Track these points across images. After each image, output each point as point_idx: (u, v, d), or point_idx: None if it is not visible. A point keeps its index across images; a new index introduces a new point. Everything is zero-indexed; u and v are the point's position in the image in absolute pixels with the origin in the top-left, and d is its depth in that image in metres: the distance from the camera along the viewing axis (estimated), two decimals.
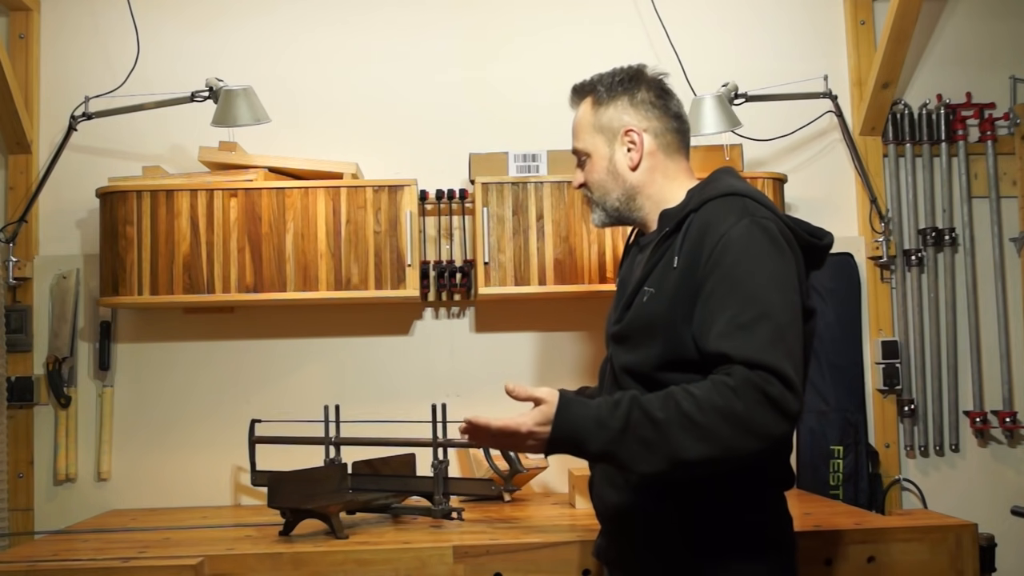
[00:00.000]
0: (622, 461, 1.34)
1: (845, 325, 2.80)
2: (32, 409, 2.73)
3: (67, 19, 2.85)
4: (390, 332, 2.80)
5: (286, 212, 2.52)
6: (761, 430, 1.30)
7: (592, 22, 2.90)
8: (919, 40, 2.93)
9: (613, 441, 1.33)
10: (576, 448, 1.36)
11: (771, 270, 1.40)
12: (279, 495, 2.09)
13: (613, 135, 1.63)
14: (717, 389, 1.32)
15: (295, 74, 2.85)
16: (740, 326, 1.35)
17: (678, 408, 1.32)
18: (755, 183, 2.60)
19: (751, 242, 1.41)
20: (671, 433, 1.31)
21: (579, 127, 1.67)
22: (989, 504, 2.80)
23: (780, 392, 1.31)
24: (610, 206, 1.64)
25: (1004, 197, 2.93)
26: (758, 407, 1.30)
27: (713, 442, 1.30)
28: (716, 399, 1.31)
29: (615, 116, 1.63)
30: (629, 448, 1.32)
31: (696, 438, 1.30)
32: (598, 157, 1.64)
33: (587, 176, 1.66)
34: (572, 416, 1.35)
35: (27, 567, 1.87)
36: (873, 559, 1.97)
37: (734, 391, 1.31)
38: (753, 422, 1.30)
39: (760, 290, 1.37)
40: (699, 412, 1.31)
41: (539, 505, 2.49)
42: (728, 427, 1.30)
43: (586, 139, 1.65)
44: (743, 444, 1.31)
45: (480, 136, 2.81)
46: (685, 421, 1.31)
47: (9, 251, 2.71)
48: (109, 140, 2.80)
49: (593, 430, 1.34)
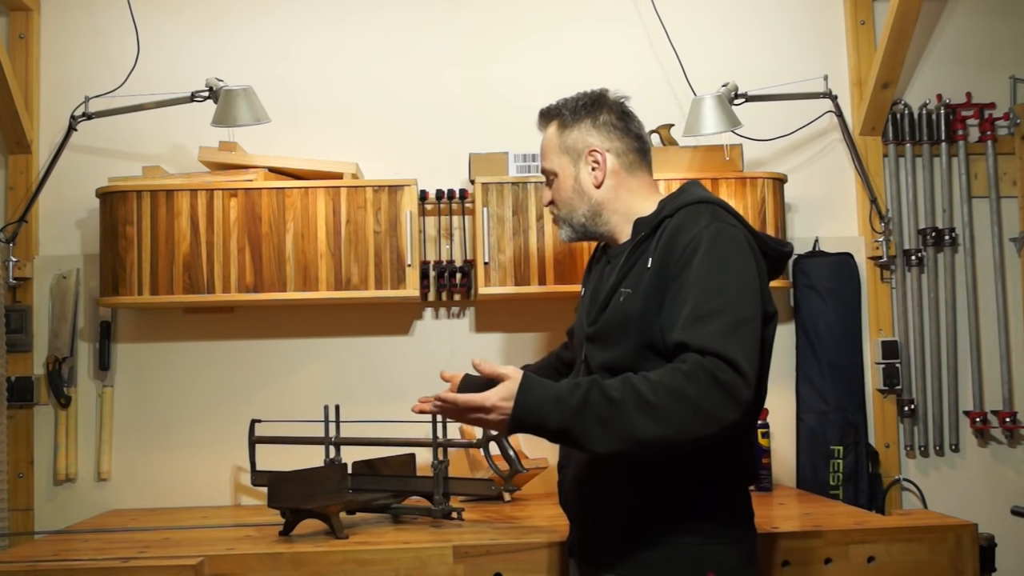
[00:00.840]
0: (579, 439, 1.40)
1: (845, 325, 2.80)
2: (32, 409, 2.73)
3: (67, 19, 2.85)
4: (390, 332, 2.80)
5: (286, 212, 2.52)
6: (712, 413, 1.38)
7: (592, 22, 2.90)
8: (919, 40, 2.93)
9: (571, 419, 1.39)
10: (536, 425, 1.42)
11: (734, 270, 1.50)
12: (279, 495, 2.09)
13: (578, 155, 1.73)
14: (671, 374, 1.40)
15: (295, 74, 2.85)
16: (698, 318, 1.44)
17: (634, 390, 1.39)
18: (755, 183, 2.60)
19: (718, 244, 1.51)
20: (626, 413, 1.38)
21: (546, 148, 1.77)
22: (989, 504, 2.80)
23: (731, 378, 1.38)
24: (576, 222, 1.74)
25: (1004, 197, 2.93)
26: (709, 391, 1.38)
27: (666, 423, 1.38)
28: (669, 382, 1.39)
29: (579, 138, 1.73)
30: (586, 427, 1.39)
31: (650, 418, 1.37)
32: (564, 176, 1.74)
33: (554, 194, 1.76)
34: (534, 393, 1.42)
35: (27, 567, 1.87)
36: (873, 559, 1.98)
37: (686, 375, 1.39)
38: (704, 405, 1.37)
39: (721, 287, 1.47)
40: (653, 394, 1.38)
41: (539, 505, 2.49)
42: (680, 409, 1.38)
43: (553, 159, 1.75)
44: (694, 426, 1.38)
45: (480, 136, 2.81)
46: (640, 402, 1.38)
47: (9, 251, 2.71)
48: (109, 140, 2.80)
49: (553, 408, 1.40)
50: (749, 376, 1.40)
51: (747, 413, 1.42)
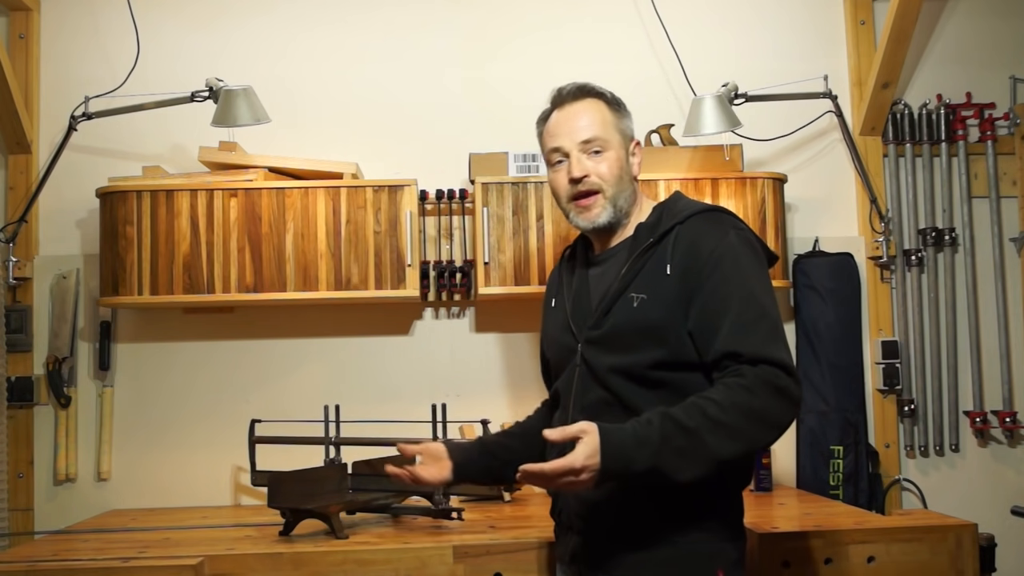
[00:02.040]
0: (665, 472, 1.41)
1: (845, 325, 2.80)
2: (32, 409, 2.73)
3: (67, 19, 2.85)
4: (390, 332, 2.80)
5: (286, 212, 2.52)
6: (777, 420, 1.46)
7: (592, 22, 2.90)
8: (919, 40, 2.93)
9: (655, 455, 1.40)
10: (623, 471, 1.40)
11: (761, 276, 1.57)
12: (279, 495, 2.09)
13: (627, 140, 1.71)
14: (733, 390, 1.45)
15: (295, 74, 2.85)
16: (742, 327, 1.49)
17: (704, 414, 1.43)
18: (755, 183, 2.60)
19: (742, 252, 1.56)
20: (703, 439, 1.42)
21: (596, 120, 1.67)
22: (989, 504, 2.80)
23: (786, 383, 1.46)
24: (620, 204, 1.68)
25: (1004, 197, 2.93)
26: (771, 399, 1.44)
27: (741, 439, 1.43)
28: (736, 399, 1.44)
29: (628, 124, 1.72)
30: (668, 459, 1.41)
31: (726, 438, 1.42)
32: (617, 154, 1.68)
33: (601, 166, 1.66)
34: (616, 442, 1.40)
35: (27, 567, 1.87)
36: (873, 559, 1.97)
37: (749, 389, 1.44)
38: (769, 414, 1.45)
39: (755, 293, 1.52)
40: (723, 414, 1.43)
41: (539, 505, 2.49)
42: (749, 422, 1.43)
43: (607, 131, 1.67)
44: (765, 435, 1.46)
45: (480, 136, 2.81)
46: (712, 425, 1.42)
47: (9, 251, 2.71)
48: (109, 140, 2.80)
49: (636, 450, 1.40)
50: (797, 375, 1.49)
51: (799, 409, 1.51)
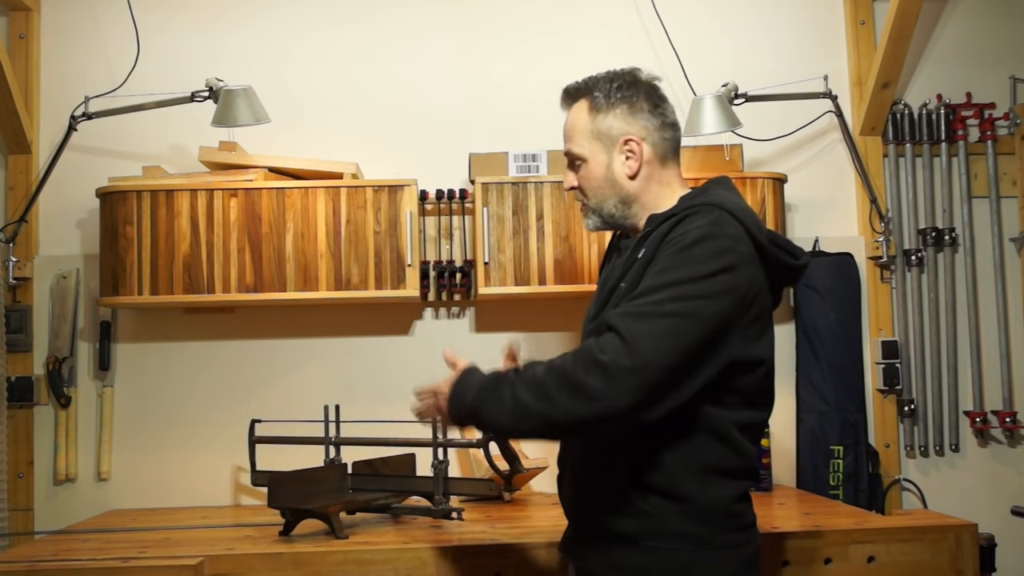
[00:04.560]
0: (484, 418, 1.46)
1: (845, 325, 2.80)
2: (32, 409, 2.73)
3: (67, 19, 2.85)
4: (390, 332, 2.80)
5: (286, 212, 2.52)
6: (587, 392, 1.35)
7: (592, 22, 2.90)
8: (919, 40, 2.93)
9: (478, 399, 1.45)
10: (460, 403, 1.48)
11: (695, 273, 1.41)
12: (279, 495, 2.09)
13: (612, 143, 1.62)
14: (567, 355, 1.42)
15: (295, 74, 2.85)
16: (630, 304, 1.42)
17: (532, 371, 1.43)
18: (755, 183, 2.60)
19: (696, 245, 1.43)
20: (516, 391, 1.41)
21: (574, 131, 1.65)
22: (989, 504, 2.80)
23: (613, 359, 1.35)
24: (606, 212, 1.64)
25: (1004, 197, 2.93)
26: (584, 370, 1.36)
27: (545, 400, 1.38)
28: (556, 362, 1.41)
29: (614, 124, 1.61)
30: (488, 406, 1.44)
31: (533, 394, 1.39)
32: (595, 164, 1.63)
33: (582, 181, 1.66)
34: (466, 379, 1.49)
35: (27, 567, 1.87)
36: (873, 559, 1.97)
37: (574, 354, 1.40)
38: (579, 383, 1.36)
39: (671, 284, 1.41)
40: (542, 372, 1.41)
41: (539, 505, 2.49)
42: (559, 387, 1.38)
43: (582, 143, 1.63)
44: (569, 404, 1.37)
45: (480, 136, 2.81)
46: (531, 380, 1.41)
47: (9, 251, 2.71)
48: (109, 140, 2.80)
49: (471, 388, 1.47)
50: (639, 357, 1.34)
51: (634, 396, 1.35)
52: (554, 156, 2.61)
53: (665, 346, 1.36)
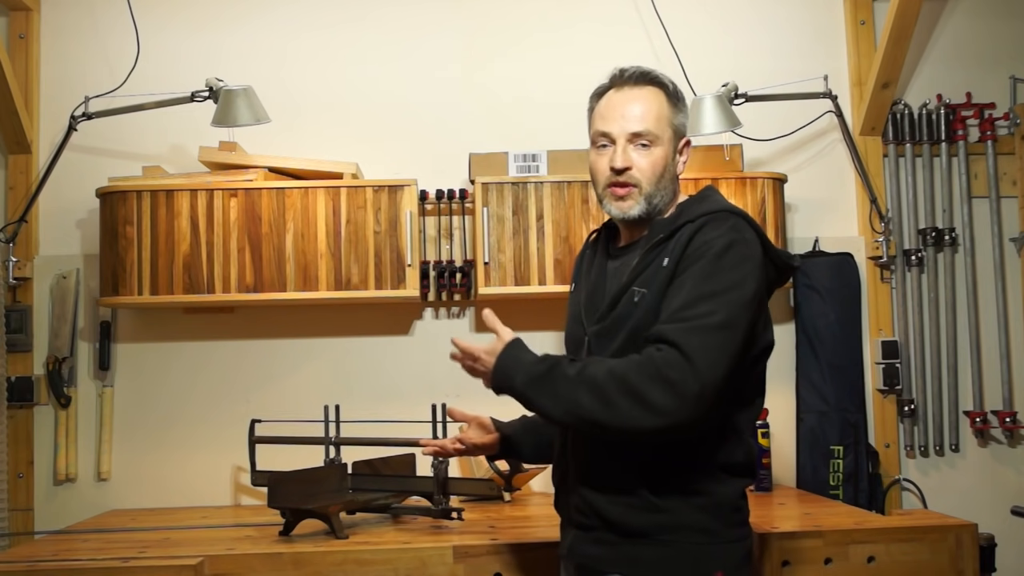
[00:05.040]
0: (534, 404, 1.49)
1: (845, 325, 2.80)
2: (32, 409, 2.73)
3: (67, 19, 2.85)
4: (390, 332, 2.80)
5: (286, 212, 2.52)
6: (654, 406, 1.39)
7: (592, 22, 2.90)
8: (919, 40, 2.93)
9: (530, 385, 1.48)
10: (506, 385, 1.51)
11: (734, 280, 1.47)
12: (279, 495, 2.09)
13: (679, 139, 1.65)
14: (625, 362, 1.44)
15: (295, 74, 2.85)
16: (680, 316, 1.45)
17: (590, 371, 1.45)
18: (755, 183, 2.60)
19: (728, 253, 1.49)
20: (575, 390, 1.44)
21: (652, 113, 1.61)
22: (989, 504, 2.80)
23: (679, 375, 1.39)
24: (655, 201, 1.62)
25: (1004, 197, 2.93)
26: (651, 383, 1.40)
27: (607, 406, 1.41)
28: (618, 369, 1.43)
29: (684, 123, 1.66)
30: (541, 395, 1.47)
31: (595, 399, 1.42)
32: (665, 151, 1.61)
33: (644, 161, 1.60)
34: (511, 356, 1.52)
35: (27, 567, 1.87)
36: (873, 559, 1.97)
37: (637, 365, 1.42)
38: (645, 397, 1.40)
39: (715, 294, 1.46)
40: (602, 376, 1.43)
41: (539, 505, 2.49)
42: (622, 396, 1.41)
43: (659, 127, 1.61)
44: (637, 414, 1.40)
45: (480, 136, 2.81)
46: (590, 382, 1.43)
47: (9, 251, 2.71)
48: (109, 140, 2.80)
49: (519, 372, 1.49)
50: (703, 374, 1.39)
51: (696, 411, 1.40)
52: (554, 156, 2.60)
53: (722, 360, 1.43)
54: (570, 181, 2.55)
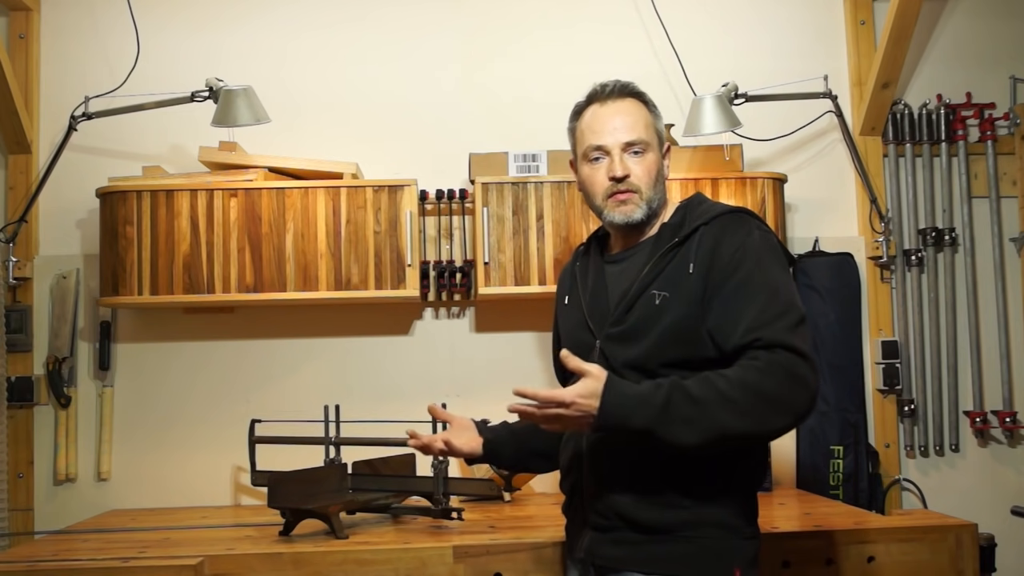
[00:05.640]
0: (664, 438, 1.45)
1: (845, 325, 2.80)
2: (32, 409, 2.73)
3: (67, 19, 2.85)
4: (390, 332, 2.80)
5: (286, 212, 2.52)
6: (789, 406, 1.46)
7: (592, 22, 2.90)
8: (919, 40, 2.93)
9: (655, 419, 1.45)
10: (620, 425, 1.46)
11: (785, 275, 1.58)
12: (279, 495, 2.09)
13: (661, 143, 1.72)
14: (747, 371, 1.47)
15: (295, 74, 2.85)
16: (766, 316, 1.50)
17: (715, 388, 1.45)
18: (755, 183, 2.60)
19: (765, 250, 1.57)
20: (710, 411, 1.44)
21: (638, 121, 1.68)
22: (989, 504, 2.80)
23: (803, 370, 1.46)
24: (653, 206, 1.68)
25: (1004, 197, 2.93)
26: (785, 383, 1.45)
27: (749, 417, 1.44)
28: (748, 378, 1.45)
29: (662, 127, 1.73)
30: (669, 425, 1.45)
31: (733, 415, 1.44)
32: (655, 156, 1.69)
33: (640, 168, 1.67)
34: (619, 393, 1.46)
35: (27, 567, 1.87)
36: (873, 559, 1.97)
37: (762, 371, 1.46)
38: (782, 398, 1.45)
39: (780, 288, 1.54)
40: (733, 391, 1.45)
41: (539, 505, 2.49)
42: (760, 403, 1.44)
43: (650, 134, 1.69)
44: (775, 419, 1.46)
45: (480, 136, 2.81)
46: (722, 399, 1.44)
47: (9, 251, 2.71)
48: (109, 140, 2.80)
49: (637, 407, 1.45)
50: (817, 365, 1.49)
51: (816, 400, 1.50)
52: (554, 156, 2.60)
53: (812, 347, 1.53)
54: (570, 181, 2.54)
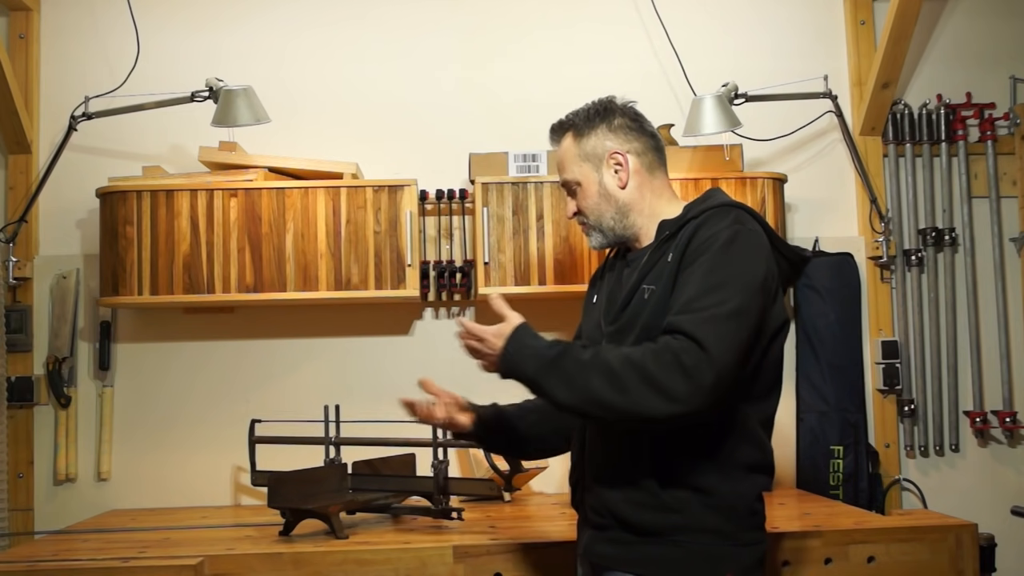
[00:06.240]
0: (544, 390, 1.50)
1: (845, 325, 2.80)
2: (32, 409, 2.73)
3: (67, 19, 2.85)
4: (390, 332, 2.80)
5: (286, 212, 2.52)
6: (669, 392, 1.41)
7: (592, 22, 2.90)
8: (919, 40, 2.93)
9: (540, 371, 1.49)
10: (516, 370, 1.52)
11: (742, 269, 1.51)
12: (279, 495, 2.09)
13: (599, 160, 1.71)
14: (640, 350, 1.46)
15: (295, 74, 2.85)
16: (692, 307, 1.47)
17: (602, 356, 1.46)
18: (755, 183, 2.60)
19: (732, 243, 1.52)
20: (589, 375, 1.45)
21: (565, 160, 1.75)
22: (989, 504, 2.80)
23: (694, 361, 1.41)
24: (606, 226, 1.71)
25: (1004, 197, 2.93)
26: (668, 370, 1.41)
27: (623, 393, 1.43)
28: (635, 356, 1.44)
29: (598, 143, 1.72)
30: (552, 380, 1.48)
31: (609, 385, 1.43)
32: (588, 183, 1.72)
33: (580, 204, 1.74)
34: (520, 341, 1.53)
35: (27, 567, 1.87)
36: (873, 559, 1.98)
37: (653, 352, 1.44)
38: (661, 383, 1.41)
39: (724, 283, 1.48)
40: (618, 363, 1.44)
41: (539, 505, 2.49)
42: (639, 382, 1.42)
43: (574, 169, 1.73)
44: (650, 401, 1.42)
45: (480, 136, 2.81)
46: (604, 368, 1.45)
47: (9, 251, 2.71)
48: (109, 140, 2.80)
49: (529, 357, 1.51)
50: (717, 361, 1.41)
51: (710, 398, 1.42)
52: (554, 156, 2.60)
53: (734, 348, 1.45)
54: None
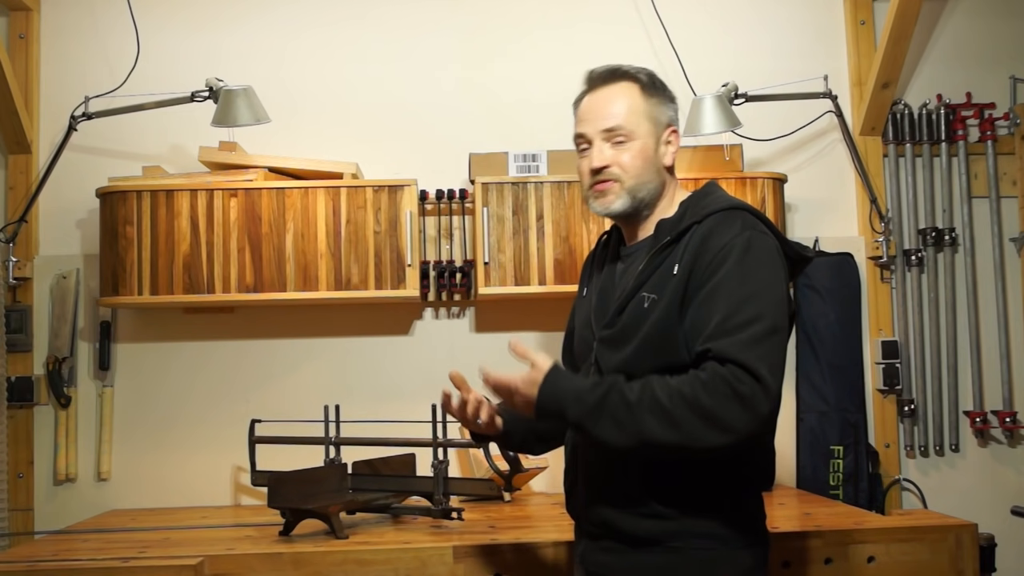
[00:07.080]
0: (593, 435, 1.45)
1: (845, 325, 2.80)
2: (32, 409, 2.73)
3: (67, 19, 2.85)
4: (390, 332, 2.80)
5: (286, 212, 2.52)
6: (726, 424, 1.38)
7: (592, 22, 2.90)
8: (919, 40, 2.93)
9: (587, 416, 1.44)
10: (557, 414, 1.48)
11: (766, 279, 1.47)
12: (279, 495, 2.09)
13: (660, 127, 1.63)
14: (689, 381, 1.41)
15: (295, 74, 2.85)
16: (727, 328, 1.42)
17: (652, 394, 1.42)
18: (755, 183, 2.60)
19: (750, 253, 1.48)
20: (640, 416, 1.41)
21: (624, 107, 1.60)
22: (989, 504, 2.80)
23: (750, 390, 1.38)
24: (640, 196, 1.61)
25: (1004, 197, 2.93)
26: (725, 401, 1.38)
27: (679, 430, 1.39)
28: (686, 390, 1.40)
29: (663, 111, 1.64)
30: (601, 424, 1.43)
31: (663, 423, 1.40)
32: (645, 142, 1.60)
33: (623, 158, 1.60)
34: (556, 385, 1.47)
35: (27, 567, 1.87)
36: (873, 559, 1.97)
37: (704, 384, 1.39)
38: (719, 415, 1.38)
39: (752, 297, 1.44)
40: (669, 400, 1.40)
41: (539, 505, 2.49)
42: (694, 417, 1.38)
43: (632, 120, 1.60)
44: (708, 435, 1.39)
45: (480, 136, 2.81)
46: (655, 407, 1.40)
47: (9, 251, 2.71)
48: (109, 140, 2.80)
49: (572, 402, 1.46)
50: (771, 388, 1.39)
51: (765, 425, 1.41)
52: (554, 156, 2.61)
53: (780, 369, 1.44)
54: (570, 181, 2.55)
